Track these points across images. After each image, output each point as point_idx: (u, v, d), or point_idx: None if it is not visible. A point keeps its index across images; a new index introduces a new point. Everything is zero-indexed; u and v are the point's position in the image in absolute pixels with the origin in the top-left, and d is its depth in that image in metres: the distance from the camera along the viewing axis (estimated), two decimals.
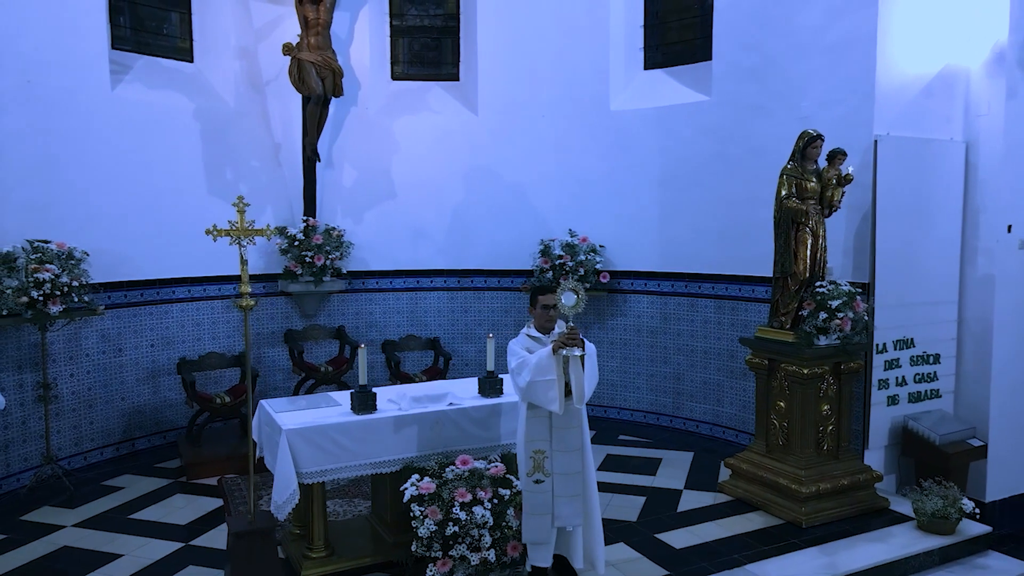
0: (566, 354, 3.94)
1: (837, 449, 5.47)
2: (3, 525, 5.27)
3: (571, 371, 3.98)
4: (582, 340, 4.01)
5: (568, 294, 4.03)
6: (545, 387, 3.98)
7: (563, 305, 4.03)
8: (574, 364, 3.97)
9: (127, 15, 7.15)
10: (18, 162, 5.97)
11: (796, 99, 6.41)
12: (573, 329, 3.99)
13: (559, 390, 3.99)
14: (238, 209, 4.39)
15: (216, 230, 4.32)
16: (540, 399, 4.01)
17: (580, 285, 4.07)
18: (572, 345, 3.94)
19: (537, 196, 8.15)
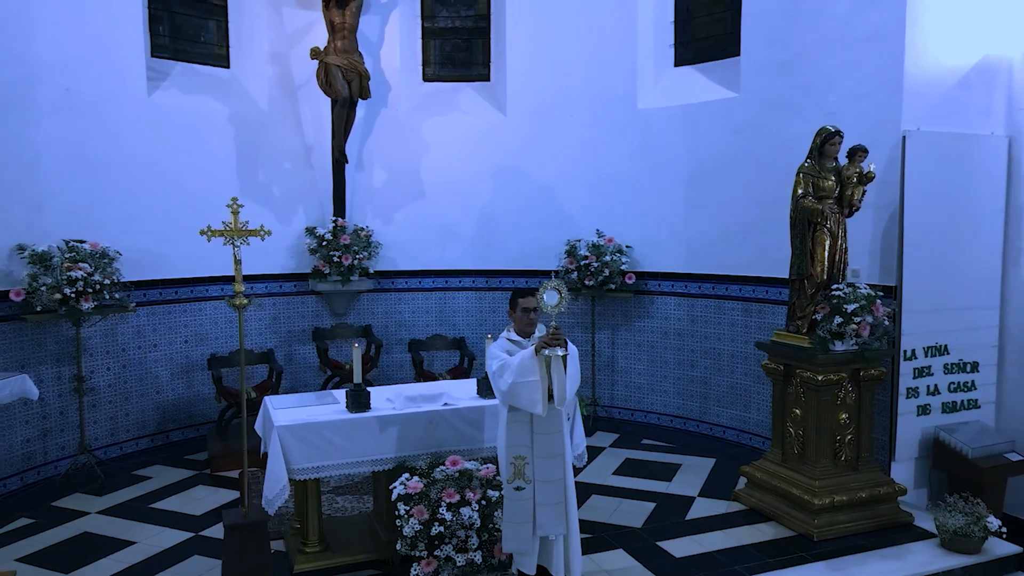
0: (549, 354, 3.88)
1: (856, 460, 5.23)
2: (35, 510, 5.56)
3: (553, 372, 3.93)
4: (565, 340, 3.95)
5: (551, 293, 3.98)
6: (528, 389, 3.93)
7: (545, 304, 3.98)
8: (556, 365, 3.92)
9: (166, 24, 7.44)
10: (58, 166, 6.29)
11: (824, 94, 6.17)
12: (556, 329, 3.93)
13: (543, 392, 3.93)
14: (232, 210, 4.45)
15: (210, 231, 4.38)
16: (523, 401, 3.96)
17: (562, 284, 4.02)
18: (555, 345, 3.88)
19: (565, 196, 8.08)
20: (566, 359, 3.94)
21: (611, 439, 7.28)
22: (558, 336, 3.91)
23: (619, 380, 8.01)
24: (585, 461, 4.98)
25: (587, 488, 5.93)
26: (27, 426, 6.11)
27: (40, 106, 6.15)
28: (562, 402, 3.95)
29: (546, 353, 3.89)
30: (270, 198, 7.83)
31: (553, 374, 3.93)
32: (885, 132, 5.64)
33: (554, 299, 3.98)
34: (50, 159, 6.23)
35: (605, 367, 8.05)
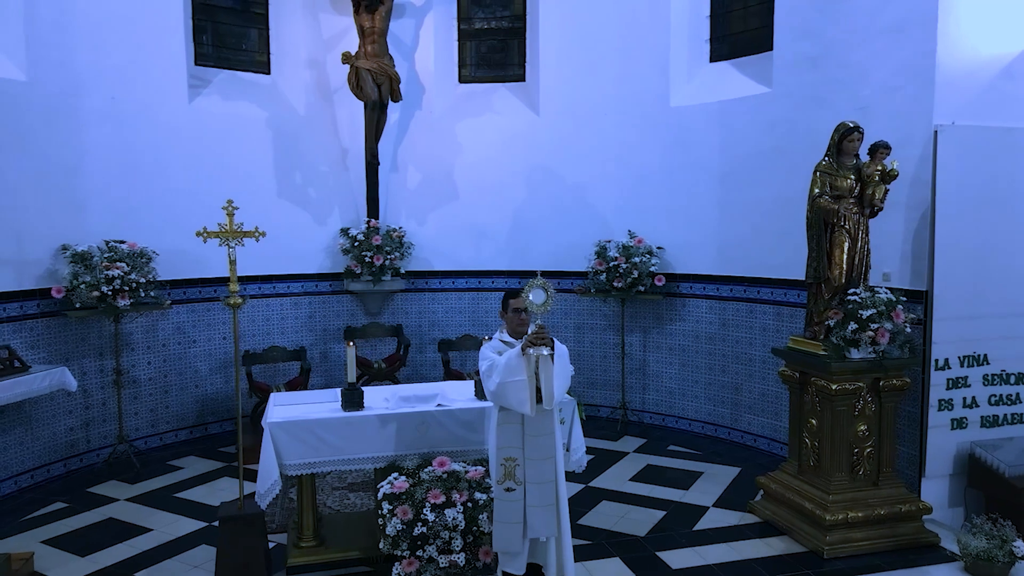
0: (534, 354, 3.84)
1: (877, 474, 4.94)
2: (71, 494, 5.91)
3: (541, 372, 3.88)
4: (551, 340, 3.90)
5: (537, 291, 3.94)
6: (516, 388, 3.89)
7: (531, 303, 3.95)
8: (544, 364, 3.87)
9: (209, 34, 7.76)
10: (102, 171, 6.65)
11: (856, 88, 5.86)
12: (541, 328, 3.89)
13: (530, 391, 3.89)
14: (227, 213, 4.58)
15: (206, 232, 4.53)
16: (511, 401, 3.94)
17: (548, 282, 3.97)
18: (540, 344, 3.84)
19: (597, 196, 7.98)
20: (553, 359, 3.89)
21: (637, 444, 7.14)
22: (542, 335, 3.87)
23: (651, 384, 7.84)
24: (584, 467, 4.88)
25: (598, 493, 5.84)
26: (71, 416, 6.49)
27: (85, 114, 6.52)
28: (550, 402, 3.89)
29: (531, 352, 3.85)
30: (307, 200, 8.05)
31: (541, 374, 3.88)
32: (917, 127, 5.31)
33: (540, 297, 3.95)
34: (94, 164, 6.59)
35: (636, 371, 7.90)
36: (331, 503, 5.64)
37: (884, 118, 5.57)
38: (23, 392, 5.61)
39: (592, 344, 8.15)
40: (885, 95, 5.58)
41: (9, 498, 5.85)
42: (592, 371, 8.17)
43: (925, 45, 5.22)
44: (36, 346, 6.17)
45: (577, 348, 8.22)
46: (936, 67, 5.18)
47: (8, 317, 5.94)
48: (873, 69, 5.70)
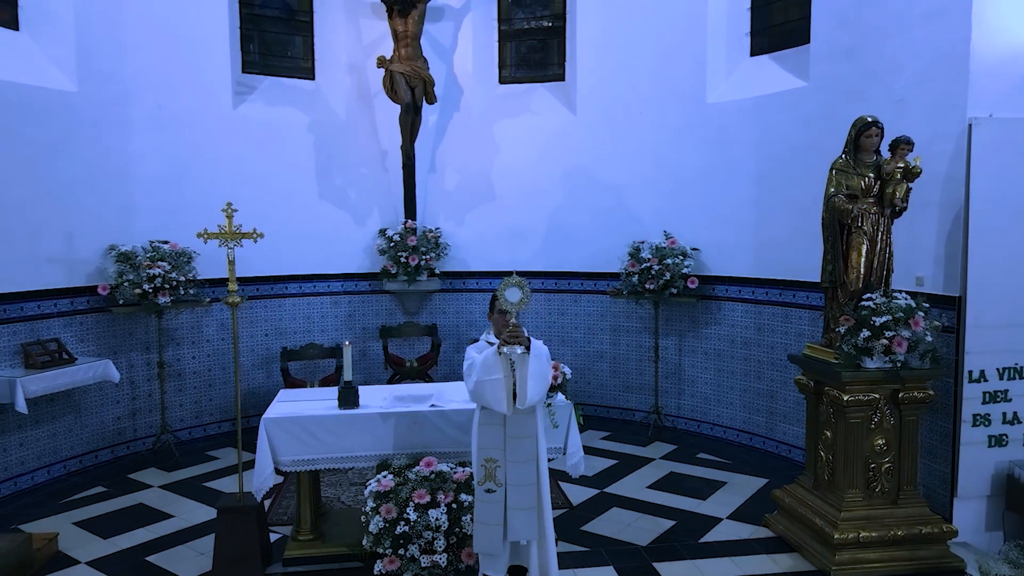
0: (508, 352, 3.83)
1: (896, 492, 4.62)
2: (111, 480, 6.28)
3: (517, 371, 3.86)
4: (528, 339, 3.86)
5: (512, 290, 3.92)
6: (493, 387, 3.89)
7: (507, 301, 3.92)
8: (520, 364, 3.85)
9: (256, 42, 8.08)
10: (149, 174, 7.03)
11: (891, 79, 5.51)
12: (515, 326, 3.87)
13: (507, 390, 3.88)
14: (227, 215, 4.74)
15: (207, 233, 4.71)
16: (488, 400, 3.93)
17: (524, 281, 3.94)
18: (514, 343, 3.81)
19: (633, 196, 7.82)
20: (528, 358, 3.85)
21: (666, 451, 6.95)
22: (515, 333, 3.84)
23: (686, 389, 7.62)
24: (581, 471, 4.80)
25: (611, 500, 5.72)
26: (118, 405, 6.90)
27: (133, 122, 6.91)
28: (523, 401, 3.85)
29: (505, 351, 3.83)
30: (347, 201, 8.26)
31: (517, 373, 3.86)
32: (951, 120, 4.95)
33: (516, 296, 3.92)
34: (141, 168, 6.98)
35: (672, 375, 7.70)
36: (345, 499, 5.76)
37: (919, 111, 5.22)
38: (67, 382, 6.01)
39: (628, 347, 7.99)
40: (919, 87, 5.23)
41: (57, 481, 6.27)
42: (627, 374, 8.02)
43: (958, 32, 4.85)
44: (85, 339, 6.59)
45: (612, 351, 8.10)
46: (970, 55, 4.80)
47: (59, 312, 6.37)
48: (908, 59, 5.35)
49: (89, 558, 4.79)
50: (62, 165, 6.37)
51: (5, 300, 5.91)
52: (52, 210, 6.29)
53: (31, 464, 6.15)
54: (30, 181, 6.11)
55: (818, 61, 6.25)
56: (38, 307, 6.19)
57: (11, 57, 6.15)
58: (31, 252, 6.13)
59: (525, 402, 3.82)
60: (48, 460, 6.29)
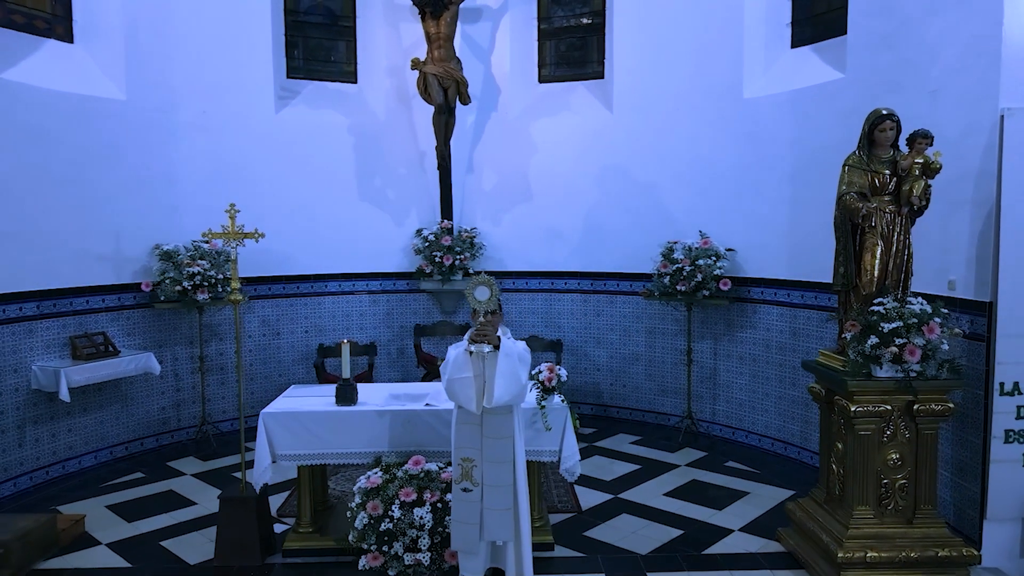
0: (475, 350, 3.83)
1: (912, 511, 4.32)
2: (151, 466, 6.63)
3: (487, 369, 3.85)
4: (498, 337, 3.85)
5: (481, 288, 3.95)
6: (463, 385, 3.93)
7: (475, 299, 3.94)
8: (489, 362, 3.84)
9: (300, 48, 8.34)
10: (194, 177, 7.37)
11: (926, 69, 5.15)
12: (483, 324, 3.86)
13: (476, 389, 3.89)
14: (230, 215, 4.91)
15: (210, 233, 4.90)
16: (460, 398, 3.96)
17: (492, 279, 3.96)
18: (481, 341, 3.81)
19: (669, 196, 7.63)
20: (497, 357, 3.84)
21: (694, 457, 6.75)
22: (482, 332, 3.84)
23: (720, 395, 7.37)
24: (576, 475, 4.72)
25: (622, 505, 5.60)
26: (163, 396, 7.27)
27: (179, 127, 7.26)
28: (490, 400, 3.84)
29: (471, 349, 3.84)
30: (385, 201, 8.41)
31: (486, 371, 3.86)
32: (983, 111, 4.58)
33: (484, 295, 3.95)
34: (186, 171, 7.32)
35: (707, 379, 7.46)
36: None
37: (952, 102, 4.87)
38: (110, 373, 6.38)
39: (663, 350, 7.80)
40: (953, 76, 4.87)
41: (104, 465, 6.67)
42: (663, 378, 7.83)
43: (990, 16, 4.48)
44: (132, 333, 6.98)
45: (648, 353, 7.92)
46: (1002, 41, 4.42)
47: (107, 307, 6.77)
48: (943, 47, 4.98)
49: (110, 540, 5.08)
50: (111, 169, 6.76)
51: (55, 295, 6.33)
52: (101, 212, 6.69)
53: (79, 449, 6.56)
54: (81, 185, 6.52)
55: (855, 51, 5.92)
56: (87, 302, 6.60)
57: (65, 69, 6.58)
58: (81, 251, 6.54)
59: (492, 401, 3.80)
60: (95, 446, 6.70)
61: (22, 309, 6.07)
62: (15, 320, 6.02)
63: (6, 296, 5.94)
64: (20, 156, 6.03)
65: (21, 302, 6.06)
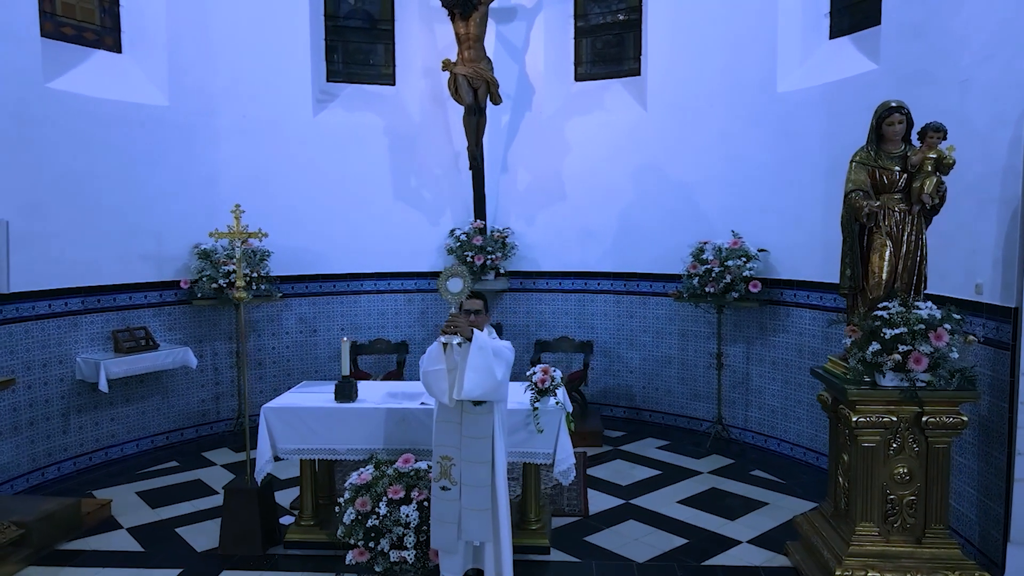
0: (445, 341, 3.84)
1: (922, 530, 4.05)
2: (187, 456, 6.93)
3: (459, 362, 3.86)
4: (471, 330, 3.85)
5: (454, 280, 3.98)
6: (436, 377, 3.96)
7: (447, 291, 3.97)
8: (462, 355, 3.84)
9: (340, 52, 8.54)
10: (234, 179, 7.65)
11: (956, 58, 4.82)
12: (453, 316, 3.87)
13: (449, 382, 3.90)
14: (235, 215, 5.06)
15: (217, 232, 5.06)
16: (433, 391, 4.01)
17: (464, 270, 3.96)
18: (451, 333, 3.82)
19: (702, 195, 7.42)
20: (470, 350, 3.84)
21: (719, 465, 6.54)
22: (453, 323, 3.84)
23: (753, 400, 7.11)
24: (571, 479, 4.65)
25: (631, 511, 5.49)
26: (203, 389, 7.59)
27: (220, 131, 7.56)
28: (459, 393, 3.83)
29: (442, 341, 3.86)
30: (421, 201, 8.51)
31: (460, 364, 3.86)
32: (1009, 101, 4.25)
33: (458, 286, 3.99)
34: (226, 173, 7.62)
35: (739, 384, 7.22)
36: None
37: (980, 93, 4.55)
38: (148, 366, 6.72)
39: (696, 353, 7.59)
40: (982, 65, 4.54)
41: (144, 454, 7.02)
42: (695, 382, 7.62)
43: None
44: (173, 328, 7.32)
45: (681, 356, 7.73)
46: None
47: (149, 303, 7.13)
48: (972, 33, 4.66)
49: (131, 524, 5.34)
50: (154, 172, 7.10)
51: (99, 292, 6.70)
52: (144, 212, 7.03)
53: (121, 437, 6.93)
54: (125, 187, 6.87)
55: (888, 41, 5.61)
56: (129, 298, 6.96)
57: (114, 77, 6.95)
58: (125, 250, 6.90)
59: (461, 393, 3.80)
60: (137, 435, 7.06)
61: (67, 304, 6.45)
62: (61, 314, 6.41)
63: (53, 292, 6.33)
64: (67, 161, 6.41)
65: (67, 297, 6.44)
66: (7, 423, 5.95)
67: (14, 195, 5.96)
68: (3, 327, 5.91)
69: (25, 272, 6.02)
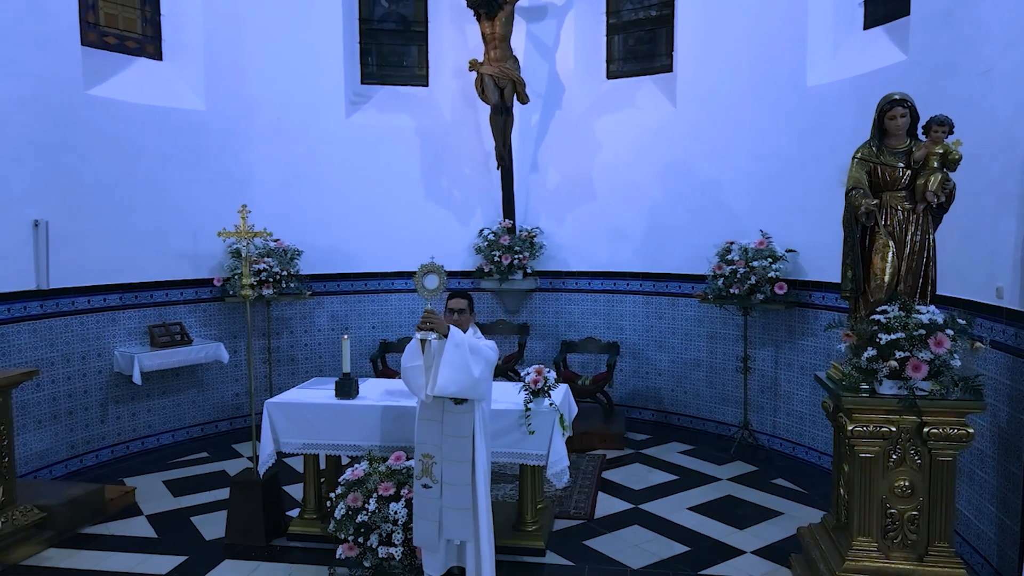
0: (421, 337, 3.88)
1: (924, 546, 3.83)
2: (217, 448, 7.19)
3: (436, 358, 3.88)
4: (447, 326, 3.87)
5: (430, 276, 4.04)
6: (414, 373, 4.01)
7: (423, 287, 4.01)
8: (438, 351, 3.86)
9: (374, 55, 8.69)
10: (268, 180, 7.89)
11: (980, 47, 4.54)
12: (428, 312, 3.90)
13: (425, 378, 3.93)
14: (241, 216, 5.20)
15: (224, 232, 5.20)
16: (412, 386, 4.06)
17: (441, 266, 3.99)
18: (426, 328, 3.84)
19: (732, 193, 7.23)
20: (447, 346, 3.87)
21: (740, 472, 6.35)
22: (427, 319, 3.86)
23: (781, 407, 6.87)
24: (564, 482, 4.60)
25: (637, 516, 5.39)
26: (236, 383, 7.85)
27: (254, 134, 7.81)
28: (432, 388, 3.85)
29: (418, 336, 3.90)
30: (452, 201, 8.58)
31: (435, 360, 3.88)
32: None
33: (434, 283, 4.03)
34: (261, 174, 7.86)
35: (767, 389, 6.98)
36: None
37: (1002, 83, 4.26)
38: (181, 360, 7.00)
39: (724, 356, 7.39)
40: (1004, 53, 4.25)
41: (177, 445, 7.32)
42: (724, 386, 7.41)
43: None
44: (208, 324, 7.60)
45: (709, 359, 7.54)
46: None
47: (185, 300, 7.42)
48: (995, 20, 4.37)
49: (151, 512, 5.58)
50: (191, 174, 7.39)
51: (136, 288, 7.02)
52: (181, 212, 7.33)
53: (157, 428, 7.24)
54: (163, 188, 7.18)
55: (917, 31, 5.33)
56: (166, 295, 7.26)
57: (154, 84, 7.26)
58: (162, 248, 7.21)
59: (434, 388, 3.81)
60: (173, 426, 7.37)
61: (105, 300, 6.78)
62: (100, 309, 6.74)
63: (92, 288, 6.66)
64: (106, 164, 6.73)
65: (105, 294, 6.78)
66: (47, 412, 6.30)
67: (55, 196, 6.30)
68: (43, 321, 6.26)
69: (66, 269, 6.37)
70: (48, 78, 6.25)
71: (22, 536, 4.79)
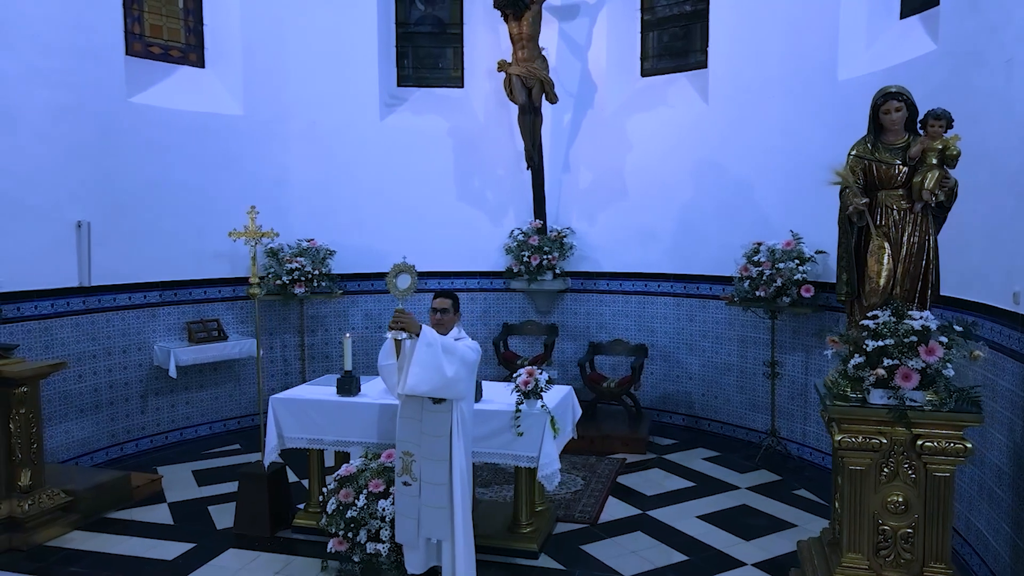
0: (393, 337, 3.93)
1: (920, 566, 3.61)
2: (250, 440, 7.43)
3: (408, 356, 3.93)
4: (418, 325, 3.91)
5: (403, 276, 4.12)
6: (388, 372, 4.16)
7: (395, 287, 4.07)
8: (410, 350, 3.91)
9: (410, 58, 8.82)
10: (303, 182, 8.13)
11: (1003, 33, 4.25)
12: (399, 312, 3.95)
13: (397, 377, 4.00)
14: (250, 216, 5.36)
15: (235, 232, 5.38)
16: (387, 384, 4.20)
17: (412, 266, 4.04)
18: (397, 328, 3.90)
19: (762, 192, 7.00)
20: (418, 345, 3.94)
21: (762, 481, 6.14)
22: (398, 318, 3.95)
23: (811, 415, 6.60)
24: (555, 484, 4.56)
25: (642, 523, 5.29)
26: (272, 379, 8.11)
27: (290, 136, 8.05)
28: (403, 387, 3.92)
29: (390, 336, 3.96)
30: (484, 201, 8.61)
31: (407, 359, 3.93)
32: None
33: (405, 283, 4.09)
34: (296, 176, 8.10)
35: (797, 396, 6.72)
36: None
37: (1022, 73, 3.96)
38: (215, 355, 7.29)
39: (755, 361, 7.15)
40: None
41: (213, 436, 7.62)
42: (754, 391, 7.18)
43: None
44: (245, 321, 7.89)
45: (740, 364, 7.32)
46: None
47: (222, 298, 7.73)
48: (1018, 5, 4.07)
49: (173, 500, 5.83)
50: (229, 177, 7.69)
51: (176, 286, 7.36)
52: (219, 213, 7.57)
53: (195, 419, 7.56)
54: (202, 190, 7.49)
55: (947, 19, 5.03)
56: (204, 292, 7.58)
57: (196, 91, 7.60)
58: (200, 248, 7.52)
59: (404, 387, 3.88)
60: (210, 418, 7.68)
61: (146, 296, 7.13)
62: (140, 306, 7.10)
63: (134, 285, 7.02)
64: (147, 167, 7.08)
65: (146, 291, 7.13)
66: (89, 402, 6.68)
67: (98, 198, 6.67)
68: (86, 316, 6.63)
69: (107, 267, 6.73)
70: (92, 87, 6.62)
71: (48, 518, 5.09)
